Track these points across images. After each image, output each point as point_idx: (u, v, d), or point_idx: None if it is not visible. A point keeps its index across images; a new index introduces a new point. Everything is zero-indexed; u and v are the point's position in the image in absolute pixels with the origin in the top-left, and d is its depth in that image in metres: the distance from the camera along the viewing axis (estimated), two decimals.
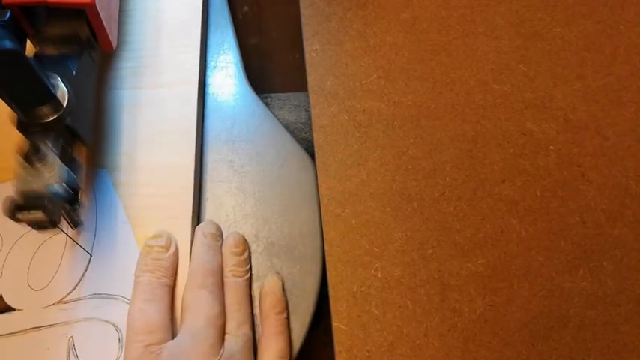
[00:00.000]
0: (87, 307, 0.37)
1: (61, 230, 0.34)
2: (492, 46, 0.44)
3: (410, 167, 0.40)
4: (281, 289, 0.38)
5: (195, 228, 0.39)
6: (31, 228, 0.32)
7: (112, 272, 0.38)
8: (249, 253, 0.39)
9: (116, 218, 0.39)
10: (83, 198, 0.39)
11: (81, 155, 0.36)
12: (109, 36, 0.38)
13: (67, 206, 0.33)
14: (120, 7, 0.43)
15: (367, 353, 0.36)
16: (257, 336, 0.37)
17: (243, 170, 0.42)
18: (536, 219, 0.39)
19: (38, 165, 0.31)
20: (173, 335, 0.35)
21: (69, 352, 0.36)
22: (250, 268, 0.39)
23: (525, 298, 0.37)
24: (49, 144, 0.32)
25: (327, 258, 0.38)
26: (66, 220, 0.35)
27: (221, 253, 0.38)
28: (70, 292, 0.37)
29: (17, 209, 0.30)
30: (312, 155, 0.42)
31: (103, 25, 0.37)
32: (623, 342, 0.36)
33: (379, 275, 0.37)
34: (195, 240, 0.38)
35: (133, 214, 0.39)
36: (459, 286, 0.37)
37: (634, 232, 0.38)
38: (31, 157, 0.31)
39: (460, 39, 0.44)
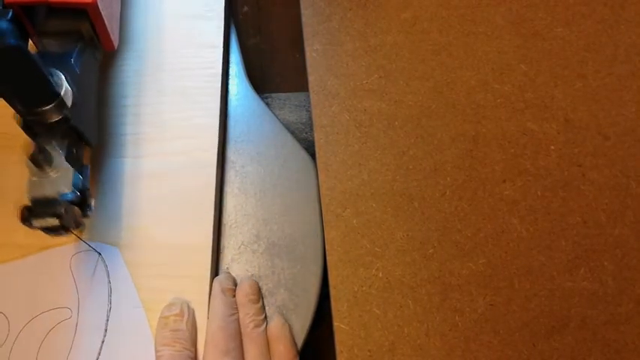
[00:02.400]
0: None
1: (71, 232, 0.33)
2: (493, 45, 0.44)
3: (411, 167, 0.40)
4: (290, 331, 0.37)
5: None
6: (41, 312, 0.31)
7: None
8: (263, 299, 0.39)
9: (129, 302, 0.36)
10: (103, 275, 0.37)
11: (86, 156, 0.36)
12: (111, 35, 0.38)
13: (77, 209, 0.33)
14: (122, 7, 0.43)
15: (368, 353, 0.36)
16: None
17: (243, 170, 0.42)
18: (537, 219, 0.39)
19: (47, 169, 0.31)
20: None
21: None
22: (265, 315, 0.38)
23: (526, 298, 0.37)
24: (55, 145, 0.32)
25: (328, 258, 0.38)
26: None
27: (236, 306, 0.37)
28: None
29: (33, 217, 0.30)
30: (312, 155, 0.42)
31: (104, 25, 0.37)
32: (623, 342, 0.36)
33: (380, 275, 0.37)
34: (213, 296, 0.37)
35: (146, 296, 0.37)
36: (459, 286, 0.37)
37: (635, 232, 0.38)
38: (37, 159, 0.31)
39: (461, 39, 0.44)
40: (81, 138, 0.35)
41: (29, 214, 0.30)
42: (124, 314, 0.36)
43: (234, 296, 0.38)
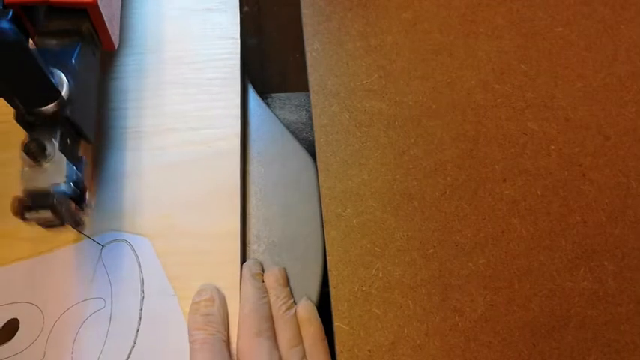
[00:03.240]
0: None
1: (73, 227, 0.33)
2: (493, 45, 0.44)
3: (411, 167, 0.40)
4: (317, 313, 0.38)
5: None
6: (73, 303, 0.31)
7: (160, 349, 0.35)
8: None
9: (161, 290, 0.37)
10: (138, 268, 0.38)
11: (87, 154, 0.36)
12: (112, 35, 0.38)
13: (74, 205, 0.33)
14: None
15: (368, 353, 0.36)
16: None
17: (243, 170, 0.42)
18: (537, 218, 0.39)
19: (43, 162, 0.31)
20: None
21: None
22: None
23: (526, 298, 0.37)
24: (52, 139, 0.32)
25: (328, 258, 0.38)
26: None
27: (266, 290, 0.38)
28: None
29: (26, 209, 0.30)
30: (313, 155, 0.42)
31: (105, 25, 0.37)
32: (623, 341, 0.36)
33: (380, 275, 0.37)
34: (243, 281, 0.38)
35: (177, 284, 0.37)
36: (459, 286, 0.37)
37: (635, 232, 0.38)
38: (34, 152, 0.30)
39: (461, 39, 0.44)
40: (79, 134, 0.35)
41: (22, 207, 0.30)
42: (157, 302, 0.37)
43: (264, 281, 0.38)
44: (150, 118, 0.42)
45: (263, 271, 0.39)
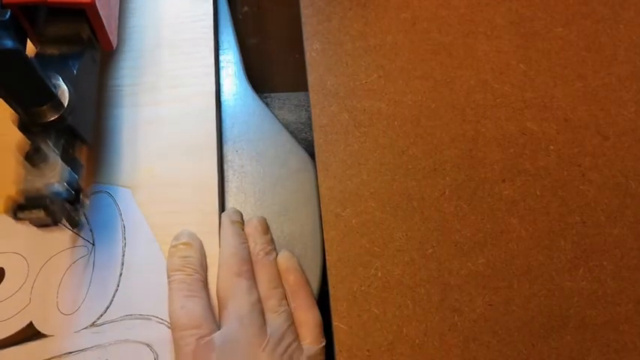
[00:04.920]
0: (120, 329, 0.36)
1: (65, 226, 0.34)
2: (493, 45, 0.44)
3: (410, 167, 0.40)
4: (298, 263, 0.39)
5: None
6: (57, 251, 0.33)
7: (143, 292, 0.37)
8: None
9: (143, 237, 0.39)
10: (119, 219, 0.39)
11: (82, 155, 0.36)
12: (109, 36, 0.38)
13: (68, 206, 0.33)
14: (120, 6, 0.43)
15: (367, 353, 0.36)
16: None
17: (243, 170, 0.42)
18: (536, 218, 0.39)
19: (40, 164, 0.31)
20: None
21: None
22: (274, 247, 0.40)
23: (525, 298, 0.37)
24: (50, 143, 0.32)
25: (327, 257, 0.38)
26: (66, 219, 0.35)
27: (246, 237, 0.39)
28: (101, 315, 0.37)
29: (19, 209, 0.30)
30: (312, 155, 0.42)
31: (103, 25, 0.37)
32: (623, 341, 0.36)
33: (379, 275, 0.37)
34: (223, 227, 0.39)
35: (158, 231, 0.39)
36: (458, 286, 0.37)
37: (634, 232, 0.38)
38: (32, 156, 0.31)
39: (460, 39, 0.44)
40: (77, 137, 0.35)
41: (16, 206, 0.30)
42: (139, 248, 0.38)
43: (243, 229, 0.39)
44: (129, 78, 0.44)
45: (244, 222, 0.40)
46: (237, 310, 0.35)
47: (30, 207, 0.30)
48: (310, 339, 0.36)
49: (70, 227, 0.35)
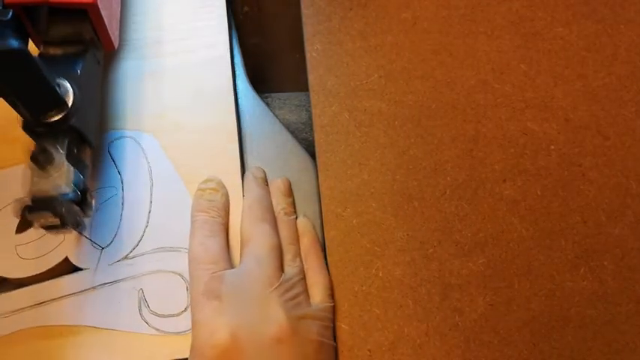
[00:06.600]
0: (152, 261, 0.38)
1: (75, 230, 0.34)
2: (493, 45, 0.44)
3: (411, 167, 0.40)
4: (315, 229, 0.40)
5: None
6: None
7: (171, 227, 0.39)
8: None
9: (168, 177, 0.40)
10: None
11: (87, 157, 0.36)
12: (111, 36, 0.38)
13: (76, 208, 0.33)
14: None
15: (368, 352, 0.36)
16: None
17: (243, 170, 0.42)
18: (537, 218, 0.39)
19: (47, 167, 0.31)
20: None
21: (140, 304, 0.37)
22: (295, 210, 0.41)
23: (526, 298, 0.37)
24: (59, 147, 0.32)
25: (328, 257, 0.38)
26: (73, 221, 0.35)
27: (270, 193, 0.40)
28: (133, 248, 0.39)
29: (28, 211, 0.30)
30: (312, 155, 0.42)
31: (105, 25, 0.37)
32: (623, 341, 0.36)
33: (380, 275, 0.37)
34: (246, 181, 0.40)
35: (184, 171, 0.41)
36: (459, 286, 0.37)
37: (635, 232, 0.38)
38: (38, 158, 0.31)
39: (461, 39, 0.44)
40: (82, 138, 0.35)
41: (28, 212, 0.30)
42: (166, 188, 0.40)
43: (267, 185, 0.41)
44: (147, 31, 0.45)
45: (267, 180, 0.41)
46: (257, 250, 0.36)
47: (39, 210, 0.30)
48: (320, 298, 0.36)
49: (74, 228, 0.35)
